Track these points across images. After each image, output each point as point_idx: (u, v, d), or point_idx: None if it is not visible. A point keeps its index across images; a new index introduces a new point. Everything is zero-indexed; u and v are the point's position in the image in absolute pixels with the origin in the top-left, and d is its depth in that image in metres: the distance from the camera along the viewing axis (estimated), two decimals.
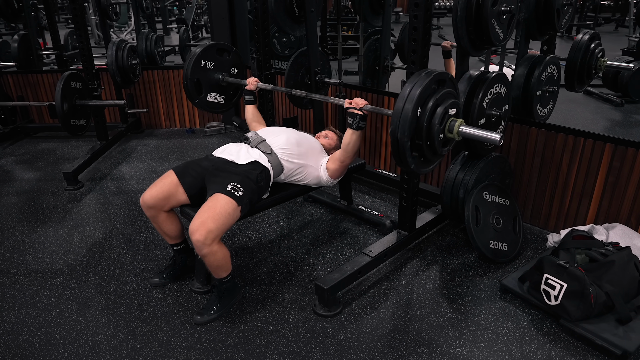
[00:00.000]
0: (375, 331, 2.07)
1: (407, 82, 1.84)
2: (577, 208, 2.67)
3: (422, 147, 1.87)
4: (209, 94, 2.85)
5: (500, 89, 2.43)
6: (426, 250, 2.67)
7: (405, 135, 1.79)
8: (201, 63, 2.77)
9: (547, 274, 2.08)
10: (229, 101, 2.97)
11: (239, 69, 2.96)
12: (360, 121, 2.24)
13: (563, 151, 2.65)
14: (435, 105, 1.84)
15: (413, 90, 1.79)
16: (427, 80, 1.81)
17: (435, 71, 1.87)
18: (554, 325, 2.08)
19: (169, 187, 2.19)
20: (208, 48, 2.79)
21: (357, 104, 2.24)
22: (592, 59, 2.99)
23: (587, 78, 3.08)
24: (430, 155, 1.93)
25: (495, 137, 1.82)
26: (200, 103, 2.84)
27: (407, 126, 1.78)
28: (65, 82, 3.37)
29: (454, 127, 1.87)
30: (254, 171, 2.21)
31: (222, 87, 2.90)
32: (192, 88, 2.78)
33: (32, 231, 2.95)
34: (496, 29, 2.24)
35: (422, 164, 1.96)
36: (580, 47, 2.94)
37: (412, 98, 1.78)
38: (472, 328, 2.09)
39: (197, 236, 1.90)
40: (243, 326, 2.11)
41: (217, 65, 2.85)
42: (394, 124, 1.80)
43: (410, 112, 1.77)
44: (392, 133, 1.82)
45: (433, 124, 1.83)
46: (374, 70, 4.32)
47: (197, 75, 2.77)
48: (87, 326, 2.12)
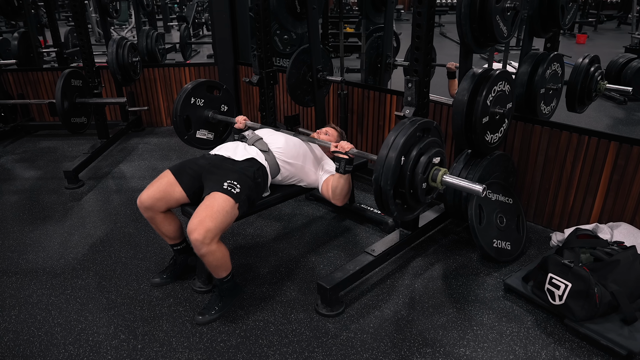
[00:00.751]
0: (378, 331, 2.05)
1: (392, 130, 1.85)
2: (581, 207, 2.65)
3: (405, 196, 1.87)
4: (198, 131, 2.82)
5: (504, 87, 2.40)
6: (429, 249, 2.65)
7: (388, 184, 1.79)
8: (191, 100, 2.73)
9: (551, 273, 2.06)
10: (218, 137, 2.93)
11: (229, 106, 2.91)
12: (346, 165, 2.21)
13: (567, 149, 2.63)
14: (420, 154, 1.84)
15: (397, 139, 1.79)
16: (412, 129, 1.81)
17: (420, 120, 1.87)
18: (558, 325, 2.06)
19: (165, 187, 2.18)
20: (198, 85, 2.75)
21: (343, 148, 2.21)
22: (592, 82, 3.02)
23: (588, 100, 3.10)
24: (413, 203, 1.93)
25: (478, 188, 1.78)
26: (189, 140, 2.81)
27: (390, 174, 1.78)
28: (65, 80, 3.35)
29: (437, 176, 1.86)
30: (251, 168, 2.19)
31: (211, 124, 2.87)
32: (182, 125, 2.73)
33: (32, 230, 2.93)
34: (500, 25, 2.22)
35: (405, 211, 1.95)
36: (581, 70, 2.96)
37: (396, 146, 1.78)
38: (476, 328, 2.07)
39: (195, 235, 1.89)
40: (245, 326, 2.09)
41: (207, 103, 2.80)
42: (377, 172, 1.80)
43: (393, 161, 1.77)
44: (375, 181, 1.82)
45: (416, 172, 1.83)
46: (376, 68, 4.29)
47: (186, 112, 2.73)
48: (88, 326, 2.11)
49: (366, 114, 3.59)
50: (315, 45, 3.13)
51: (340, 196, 2.31)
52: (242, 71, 4.79)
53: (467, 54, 2.41)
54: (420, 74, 2.17)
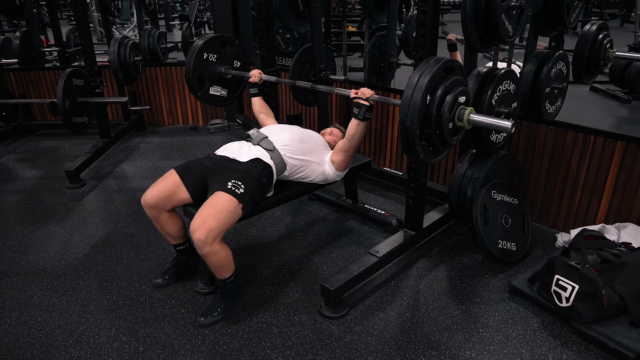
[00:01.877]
0: (382, 333, 2.03)
1: (415, 70, 1.80)
2: (587, 207, 2.62)
3: (432, 136, 1.83)
4: (211, 87, 2.81)
5: (509, 86, 2.37)
6: (433, 250, 2.62)
7: (415, 124, 1.75)
8: (204, 55, 2.72)
9: (558, 275, 2.04)
10: (231, 94, 2.92)
11: (242, 62, 2.91)
12: (366, 112, 2.20)
13: (573, 149, 2.60)
14: (445, 93, 1.79)
15: (422, 78, 1.75)
16: (436, 68, 1.76)
17: (444, 58, 1.83)
18: (565, 328, 2.03)
19: (170, 187, 2.15)
20: (210, 40, 2.74)
21: (364, 94, 2.21)
22: (600, 50, 2.94)
23: (596, 70, 3.02)
24: (439, 145, 1.88)
25: (507, 124, 1.76)
26: (202, 96, 2.79)
27: (416, 114, 1.74)
28: (67, 79, 3.33)
29: (463, 115, 1.82)
30: (256, 168, 2.17)
31: (225, 80, 2.86)
32: (195, 81, 2.73)
33: (33, 230, 2.92)
34: (506, 24, 2.19)
35: (431, 153, 1.91)
36: (588, 37, 2.88)
37: (421, 85, 1.74)
38: (482, 330, 2.04)
39: (197, 235, 1.87)
40: (248, 328, 2.07)
41: (219, 58, 2.80)
42: (403, 112, 1.76)
43: (419, 100, 1.73)
44: (401, 122, 1.77)
45: (442, 112, 1.79)
46: (379, 67, 4.27)
47: (199, 67, 2.73)
48: (89, 328, 2.09)
49: None
50: (318, 44, 3.10)
51: (356, 143, 2.30)
52: None
53: (472, 53, 2.39)
54: None
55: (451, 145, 1.98)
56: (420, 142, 1.81)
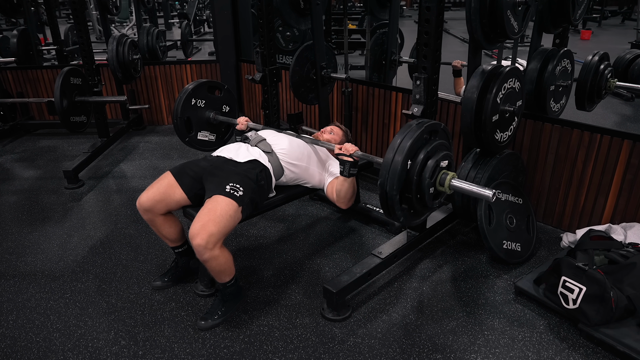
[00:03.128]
0: (386, 336, 1.99)
1: (398, 132, 1.79)
2: (593, 206, 2.59)
3: (412, 200, 1.81)
4: (199, 132, 2.75)
5: (514, 84, 2.33)
6: (437, 251, 2.59)
7: (394, 189, 1.73)
8: (192, 101, 2.66)
9: (564, 276, 2.00)
10: (220, 139, 2.87)
11: (230, 106, 2.85)
12: (351, 168, 2.14)
13: (578, 148, 2.56)
14: (427, 158, 1.78)
15: (404, 142, 1.74)
16: (419, 132, 1.75)
17: (428, 122, 1.81)
18: (572, 330, 2.00)
19: (165, 189, 2.12)
20: (199, 86, 2.69)
21: (347, 150, 2.15)
22: (602, 80, 2.95)
23: (597, 98, 3.05)
24: (420, 208, 1.88)
25: (488, 193, 1.71)
26: (190, 141, 2.74)
27: (396, 179, 1.72)
28: (64, 78, 3.29)
29: (445, 181, 1.81)
30: (254, 170, 2.12)
31: (213, 125, 2.80)
32: (182, 126, 2.66)
33: (31, 231, 2.88)
34: (511, 21, 2.15)
35: (411, 216, 1.90)
36: (591, 68, 2.90)
37: (402, 150, 1.72)
38: (487, 333, 2.01)
39: (198, 241, 1.83)
40: (249, 331, 2.03)
41: (208, 103, 2.73)
42: (383, 177, 1.75)
43: (399, 165, 1.72)
44: (381, 186, 1.76)
45: (424, 177, 1.77)
46: (380, 65, 4.22)
47: (187, 113, 2.66)
48: (88, 331, 2.05)
49: (371, 112, 3.52)
50: (319, 41, 3.06)
51: (344, 199, 2.25)
52: (244, 69, 4.72)
53: (477, 50, 2.35)
54: (429, 71, 2.10)
55: (433, 209, 1.96)
56: (400, 206, 1.79)
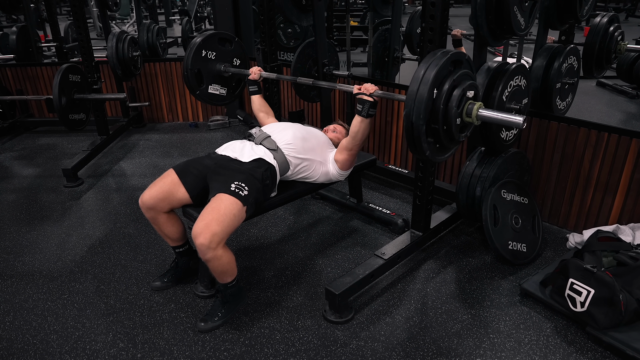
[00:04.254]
0: (389, 339, 1.95)
1: (421, 63, 1.71)
2: (600, 206, 2.54)
3: (439, 132, 1.73)
4: (210, 86, 2.72)
5: (520, 81, 2.29)
6: (441, 251, 2.54)
7: (421, 119, 1.66)
8: (202, 53, 2.63)
9: (572, 278, 1.96)
10: (231, 93, 2.83)
11: (241, 60, 2.83)
12: (370, 108, 2.12)
13: (585, 146, 2.52)
14: (452, 87, 1.70)
15: (428, 71, 1.66)
16: (443, 60, 1.67)
17: (451, 51, 1.74)
18: (580, 333, 1.95)
19: (169, 187, 2.07)
20: (209, 37, 2.66)
21: (367, 90, 2.12)
22: (611, 43, 2.85)
23: (607, 63, 2.94)
24: (446, 142, 1.79)
25: (518, 120, 1.67)
26: (201, 95, 2.71)
27: (422, 108, 1.65)
28: (63, 75, 3.24)
29: (472, 110, 1.73)
30: (259, 169, 2.08)
31: (224, 78, 2.77)
32: (193, 79, 2.64)
33: (29, 230, 2.84)
34: (518, 17, 2.10)
35: (437, 151, 1.82)
36: (599, 30, 2.80)
37: (427, 79, 1.65)
38: (492, 336, 1.97)
39: (201, 240, 1.79)
40: (249, 333, 1.99)
41: (218, 56, 2.71)
42: (408, 107, 1.67)
43: (425, 94, 1.64)
44: (406, 116, 1.68)
45: (450, 106, 1.70)
46: (383, 62, 4.17)
47: (197, 65, 2.64)
48: (86, 333, 2.01)
49: None
50: (321, 38, 3.01)
51: (360, 140, 2.22)
52: None
53: (482, 47, 2.30)
54: None
55: (459, 143, 1.89)
56: (426, 138, 1.72)
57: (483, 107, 1.74)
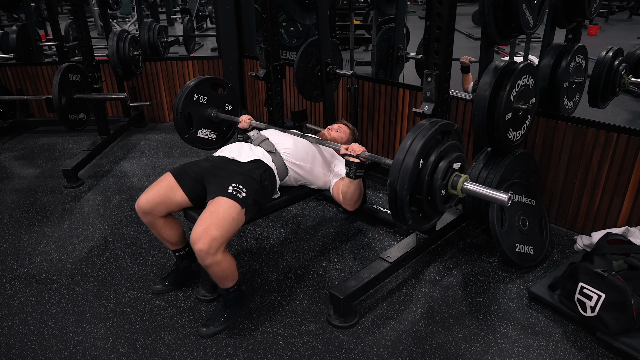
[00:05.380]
0: (395, 344, 1.91)
1: (409, 132, 1.70)
2: (608, 208, 2.49)
3: (422, 203, 1.72)
4: (199, 130, 2.66)
5: (528, 81, 2.24)
6: (446, 253, 2.50)
7: (405, 189, 1.64)
8: (194, 97, 2.58)
9: (582, 282, 1.91)
10: (221, 138, 2.79)
11: (233, 105, 2.76)
12: (357, 169, 2.03)
13: (594, 147, 2.47)
14: (439, 159, 1.69)
15: (416, 141, 1.65)
16: (432, 131, 1.67)
17: (441, 121, 1.73)
18: (590, 339, 1.91)
19: (166, 191, 2.03)
20: (203, 82, 2.60)
21: (354, 151, 2.04)
22: (616, 77, 2.86)
23: (611, 95, 2.95)
24: (430, 212, 1.78)
25: (503, 197, 1.63)
26: (190, 138, 2.65)
27: (407, 178, 1.63)
28: (62, 74, 3.20)
29: (457, 183, 1.71)
30: (257, 170, 2.04)
31: (214, 123, 2.72)
32: (182, 123, 2.57)
33: (29, 232, 2.80)
34: (526, 14, 2.06)
35: (420, 220, 1.80)
36: (605, 64, 2.80)
37: (414, 149, 1.64)
38: (500, 341, 1.92)
39: (200, 245, 1.75)
40: (252, 339, 1.96)
41: (210, 100, 2.65)
42: (393, 176, 1.66)
43: (411, 164, 1.63)
44: (390, 185, 1.67)
45: (435, 178, 1.69)
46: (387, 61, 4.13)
47: (188, 109, 2.58)
48: (85, 338, 1.97)
49: (377, 110, 3.43)
50: (325, 37, 2.97)
51: (351, 201, 2.16)
52: (247, 65, 4.64)
53: (489, 45, 2.25)
54: (441, 68, 2.01)
55: (442, 213, 1.88)
56: (409, 208, 1.70)
57: (469, 181, 1.73)
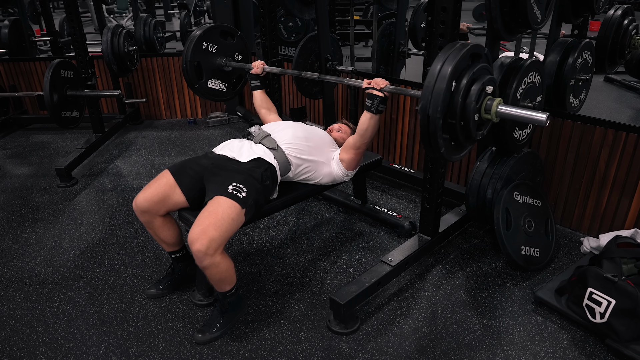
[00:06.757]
0: (397, 351, 1.85)
1: (438, 55, 1.60)
2: (616, 209, 2.43)
3: (455, 128, 1.62)
4: (210, 80, 2.59)
5: (534, 78, 2.17)
6: (449, 256, 2.43)
7: (438, 112, 1.54)
8: (203, 45, 2.51)
9: (591, 287, 1.85)
10: (231, 89, 2.71)
11: (243, 55, 2.70)
12: (380, 104, 2.00)
13: (601, 146, 2.40)
14: (471, 81, 1.60)
15: (447, 63, 1.55)
16: (462, 53, 1.56)
17: (470, 43, 1.63)
18: (599, 345, 1.85)
19: (164, 189, 1.96)
20: (211, 29, 2.54)
21: (378, 84, 2.00)
22: (625, 37, 2.73)
23: (620, 58, 2.82)
24: (462, 139, 1.68)
25: (542, 117, 1.55)
26: (200, 89, 2.58)
27: (440, 101, 1.54)
28: (54, 71, 3.11)
29: (491, 107, 1.62)
30: (258, 169, 1.97)
31: (224, 73, 2.65)
32: (192, 72, 2.52)
33: (20, 233, 2.73)
34: (534, 9, 1.98)
35: (452, 149, 1.70)
36: (612, 23, 2.68)
37: (446, 71, 1.54)
38: (506, 348, 1.86)
39: (197, 246, 1.68)
40: (250, 345, 1.89)
41: (220, 49, 2.59)
42: (425, 99, 1.56)
43: (444, 86, 1.53)
44: (423, 109, 1.57)
45: (469, 102, 1.59)
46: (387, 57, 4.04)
47: (197, 58, 2.52)
48: (76, 345, 1.90)
49: None
50: (324, 32, 2.89)
51: (368, 138, 2.10)
52: None
53: (495, 41, 2.18)
54: None
55: (475, 141, 1.78)
56: (442, 134, 1.61)
57: (502, 103, 1.63)
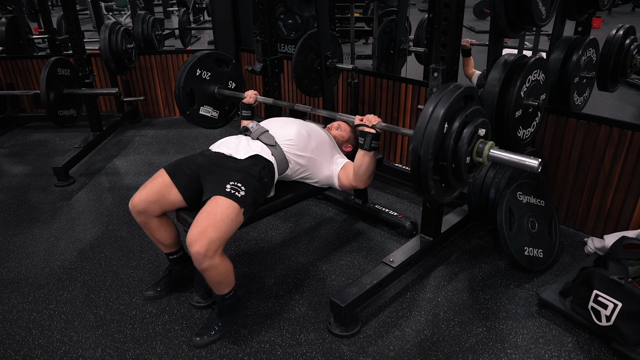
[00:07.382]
0: (399, 355, 1.81)
1: (431, 96, 1.59)
2: (621, 209, 2.39)
3: (447, 170, 1.61)
4: (202, 107, 2.57)
5: (539, 76, 2.13)
6: (451, 256, 2.40)
7: (429, 153, 1.53)
8: (197, 72, 2.49)
9: (597, 290, 1.81)
10: (223, 117, 2.70)
11: (237, 83, 2.67)
12: (372, 140, 1.95)
13: (606, 145, 2.36)
14: (464, 124, 1.58)
15: (439, 105, 1.54)
16: (456, 95, 1.56)
17: (463, 85, 1.62)
18: (604, 349, 1.81)
19: (160, 189, 1.92)
20: (206, 57, 2.51)
21: (370, 121, 1.95)
22: (627, 57, 2.73)
23: (622, 77, 2.82)
24: (453, 181, 1.67)
25: (533, 163, 1.54)
26: (191, 115, 2.55)
27: (431, 143, 1.52)
28: (50, 69, 3.07)
29: (483, 150, 1.61)
30: (256, 167, 1.93)
31: (217, 100, 2.62)
32: (184, 98, 2.48)
33: (17, 233, 2.69)
34: (539, 5, 1.94)
35: (443, 190, 1.69)
36: (615, 43, 2.68)
37: (438, 113, 1.53)
38: (510, 351, 1.83)
39: (196, 248, 1.64)
40: (249, 348, 1.85)
41: (213, 77, 2.56)
42: (417, 140, 1.55)
43: (436, 128, 1.52)
44: (414, 151, 1.56)
45: (461, 144, 1.58)
46: (388, 54, 4.00)
47: (190, 84, 2.49)
48: (73, 348, 1.87)
49: (379, 105, 3.32)
50: (324, 29, 2.84)
51: (364, 177, 2.04)
52: (244, 58, 4.51)
53: (498, 38, 2.13)
54: (448, 62, 1.90)
55: (465, 183, 1.76)
56: (433, 176, 1.59)
57: (495, 147, 1.62)
